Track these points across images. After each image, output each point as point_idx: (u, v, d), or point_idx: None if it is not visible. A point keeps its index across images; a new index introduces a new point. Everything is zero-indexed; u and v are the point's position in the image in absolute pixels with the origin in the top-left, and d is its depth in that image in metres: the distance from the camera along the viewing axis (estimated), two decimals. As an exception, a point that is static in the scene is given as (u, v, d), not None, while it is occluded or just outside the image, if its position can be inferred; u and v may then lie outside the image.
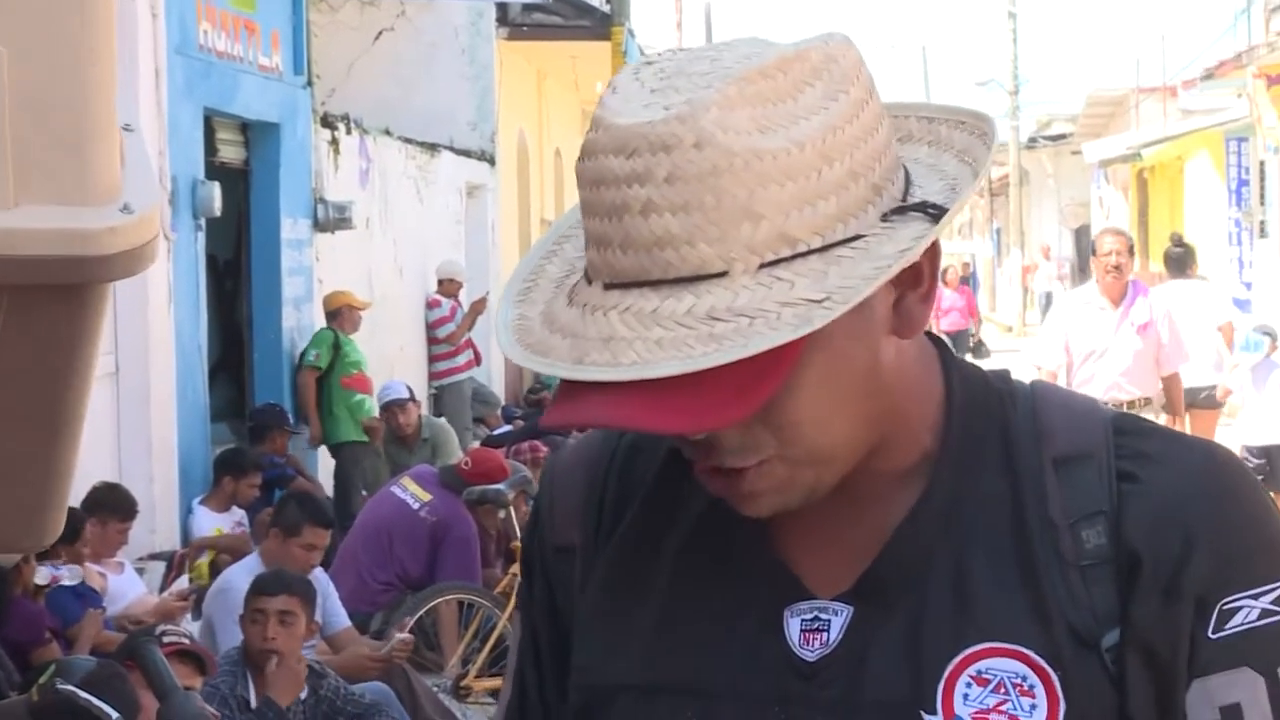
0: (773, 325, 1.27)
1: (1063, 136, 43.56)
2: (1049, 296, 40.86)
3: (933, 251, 1.38)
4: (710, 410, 1.29)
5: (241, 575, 6.77)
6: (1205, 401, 11.36)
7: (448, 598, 8.31)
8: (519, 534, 8.34)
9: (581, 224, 1.38)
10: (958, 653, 1.39)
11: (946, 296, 25.17)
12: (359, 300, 12.14)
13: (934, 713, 1.38)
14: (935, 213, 1.35)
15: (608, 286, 1.32)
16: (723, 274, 1.29)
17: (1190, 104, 30.75)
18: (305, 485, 10.77)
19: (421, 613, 8.04)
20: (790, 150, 1.30)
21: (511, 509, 8.77)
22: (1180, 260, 12.63)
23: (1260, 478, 10.31)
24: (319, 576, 7.19)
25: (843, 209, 1.32)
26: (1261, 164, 23.07)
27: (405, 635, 7.13)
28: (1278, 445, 11.39)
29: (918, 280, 1.38)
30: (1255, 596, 1.40)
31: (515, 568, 8.32)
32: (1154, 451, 1.44)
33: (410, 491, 8.70)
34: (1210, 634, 1.39)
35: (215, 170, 11.02)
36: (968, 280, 33.88)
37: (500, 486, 8.67)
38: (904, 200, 1.37)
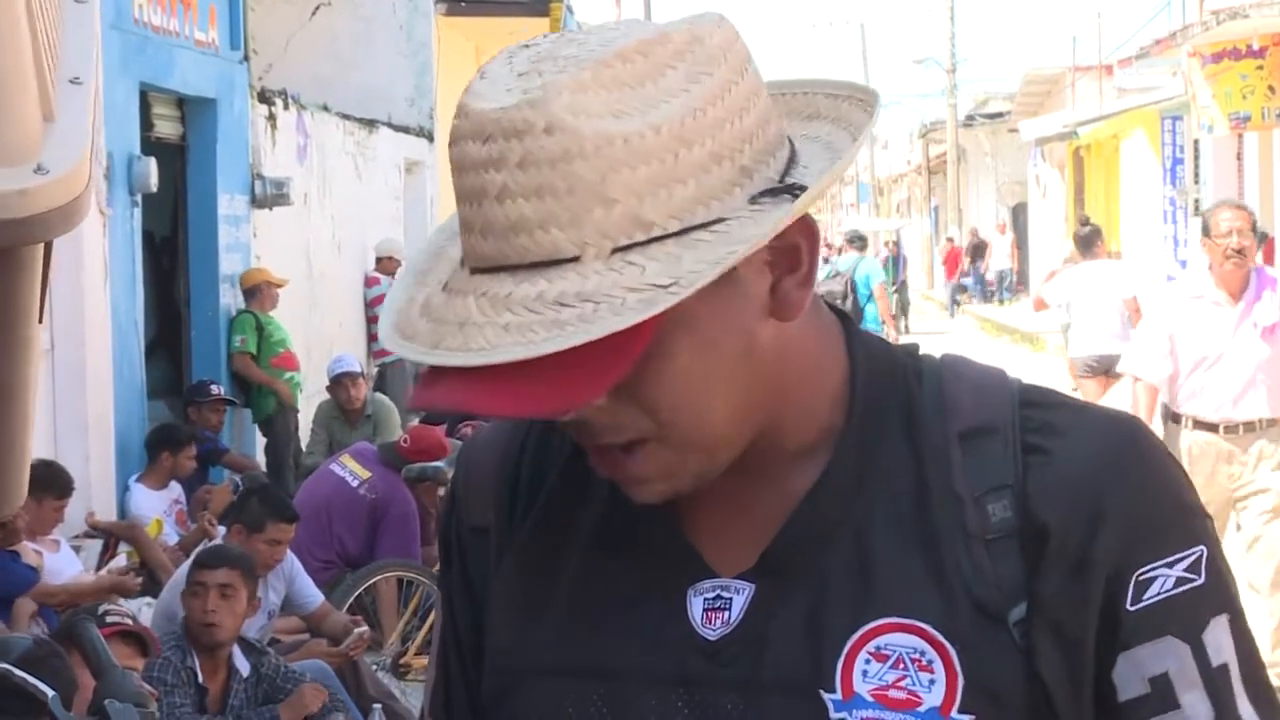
0: (616, 311, 1.26)
1: (1000, 115, 43.74)
2: (1001, 276, 41.07)
3: (811, 235, 1.36)
4: (554, 394, 1.28)
5: None
6: (1105, 366, 11.49)
7: (387, 575, 8.30)
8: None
9: None
10: (857, 629, 1.39)
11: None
12: (276, 277, 12.00)
13: (833, 691, 1.38)
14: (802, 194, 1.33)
15: (473, 271, 1.32)
16: (575, 259, 1.28)
17: (1126, 83, 30.94)
18: (240, 459, 10.73)
19: (361, 590, 8.03)
20: (645, 134, 1.28)
21: (451, 486, 8.75)
22: (1087, 240, 12.77)
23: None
24: (288, 557, 7.21)
25: (703, 192, 1.30)
26: (1196, 143, 23.24)
27: (363, 629, 7.13)
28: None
29: (795, 264, 1.36)
30: (1169, 565, 1.40)
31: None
32: (1060, 423, 1.43)
33: (349, 469, 8.69)
34: (1129, 606, 1.39)
35: (151, 146, 10.93)
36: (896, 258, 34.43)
37: (440, 464, 8.66)
38: (782, 180, 1.34)
